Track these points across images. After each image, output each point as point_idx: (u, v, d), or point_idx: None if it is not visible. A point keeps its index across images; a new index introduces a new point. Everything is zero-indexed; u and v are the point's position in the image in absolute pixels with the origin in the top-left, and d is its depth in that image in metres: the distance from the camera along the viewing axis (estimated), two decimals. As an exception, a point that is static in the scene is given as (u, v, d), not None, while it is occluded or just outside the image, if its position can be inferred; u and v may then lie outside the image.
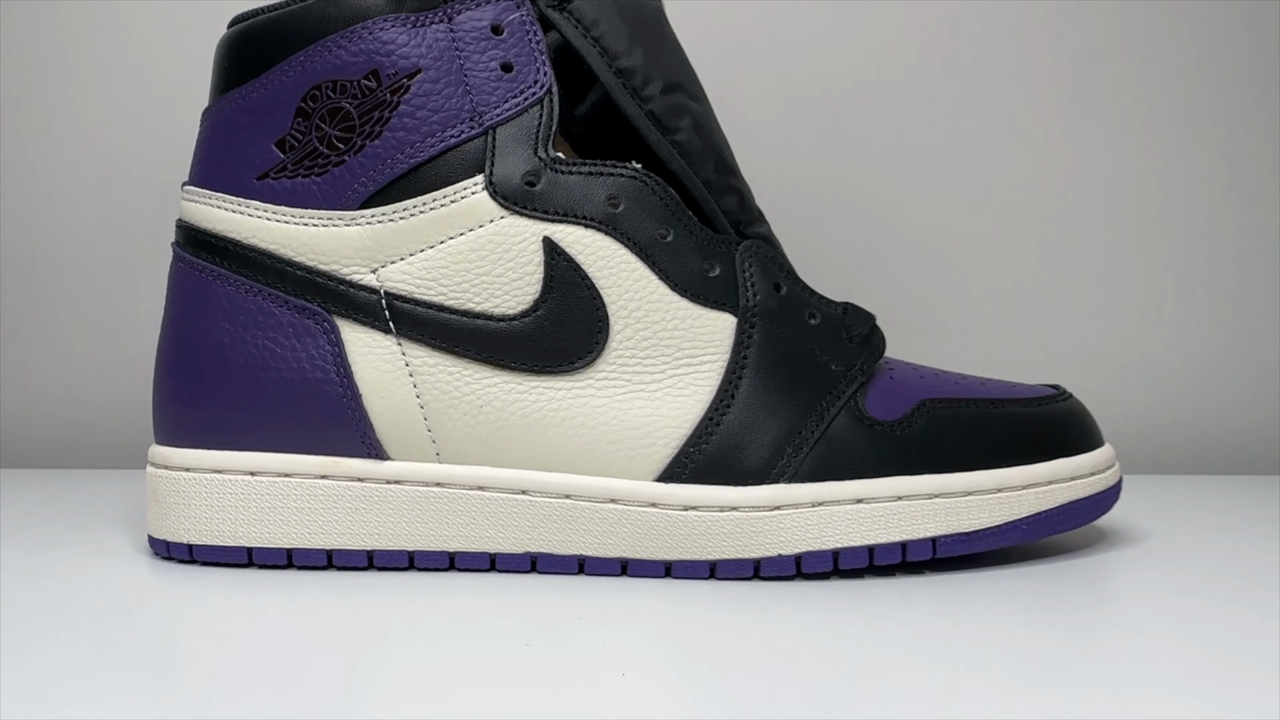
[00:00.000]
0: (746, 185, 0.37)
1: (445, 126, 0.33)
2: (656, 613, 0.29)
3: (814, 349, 0.34)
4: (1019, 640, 0.27)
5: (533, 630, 0.27)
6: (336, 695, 0.23)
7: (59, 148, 0.54)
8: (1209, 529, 0.41)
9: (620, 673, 0.24)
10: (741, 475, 0.32)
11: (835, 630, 0.28)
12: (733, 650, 0.26)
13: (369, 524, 0.33)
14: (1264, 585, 0.32)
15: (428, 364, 0.33)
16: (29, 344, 0.55)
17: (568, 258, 0.33)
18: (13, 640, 0.26)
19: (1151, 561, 0.35)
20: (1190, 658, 0.26)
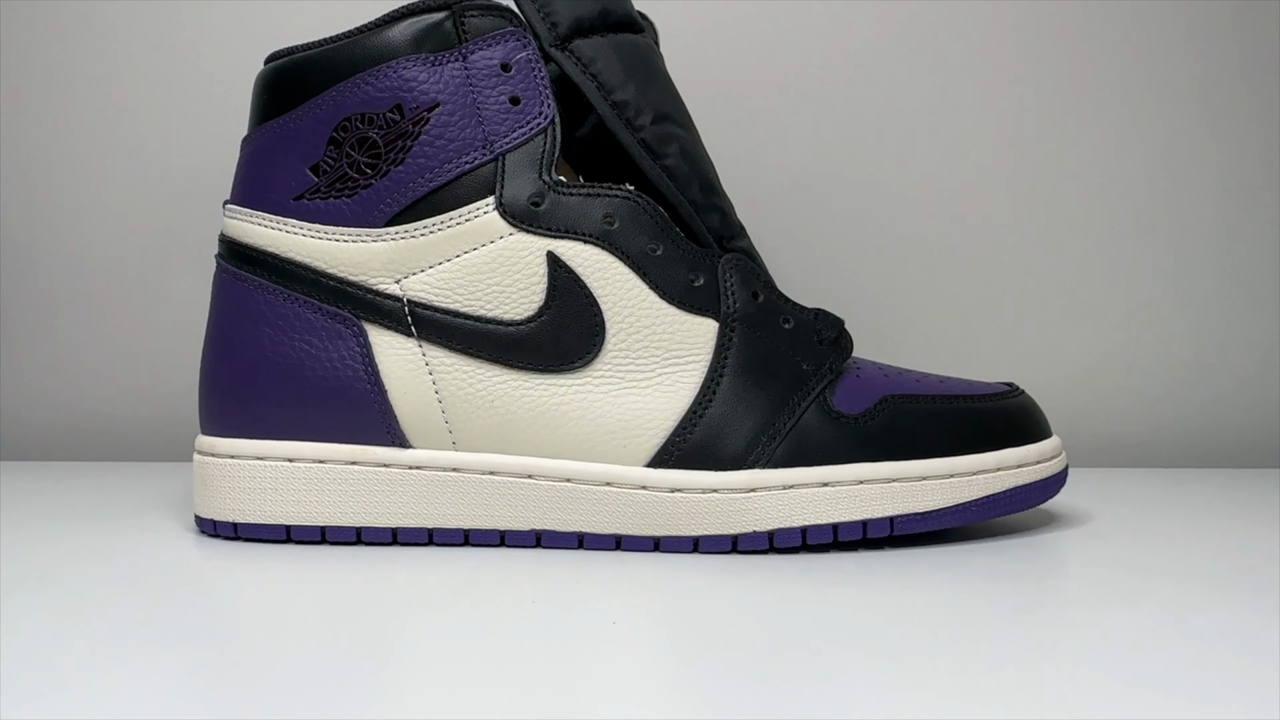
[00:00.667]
0: (729, 203, 0.41)
1: (460, 154, 0.37)
2: (646, 580, 0.34)
3: (787, 350, 0.38)
4: (964, 606, 0.31)
5: (536, 592, 0.32)
6: (366, 651, 0.27)
7: (112, 166, 0.58)
8: (1151, 516, 0.45)
9: (611, 622, 0.29)
10: (721, 461, 0.37)
11: (801, 595, 0.32)
12: (710, 609, 0.30)
13: (393, 505, 0.37)
14: (1194, 565, 0.36)
15: (445, 363, 0.37)
16: (75, 349, 0.59)
17: (568, 270, 0.37)
18: (81, 606, 0.31)
19: (1092, 542, 0.39)
20: (1122, 625, 0.30)
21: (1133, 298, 0.60)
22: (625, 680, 0.25)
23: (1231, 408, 0.60)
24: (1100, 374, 0.60)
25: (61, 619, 0.29)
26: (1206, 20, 0.59)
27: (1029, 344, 0.60)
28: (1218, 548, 0.39)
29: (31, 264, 0.59)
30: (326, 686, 0.24)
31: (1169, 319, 0.60)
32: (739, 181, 0.54)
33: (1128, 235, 0.60)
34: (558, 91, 0.39)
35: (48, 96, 0.58)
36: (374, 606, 0.31)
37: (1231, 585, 0.33)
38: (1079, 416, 0.59)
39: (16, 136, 0.58)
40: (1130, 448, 0.60)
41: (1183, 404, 0.60)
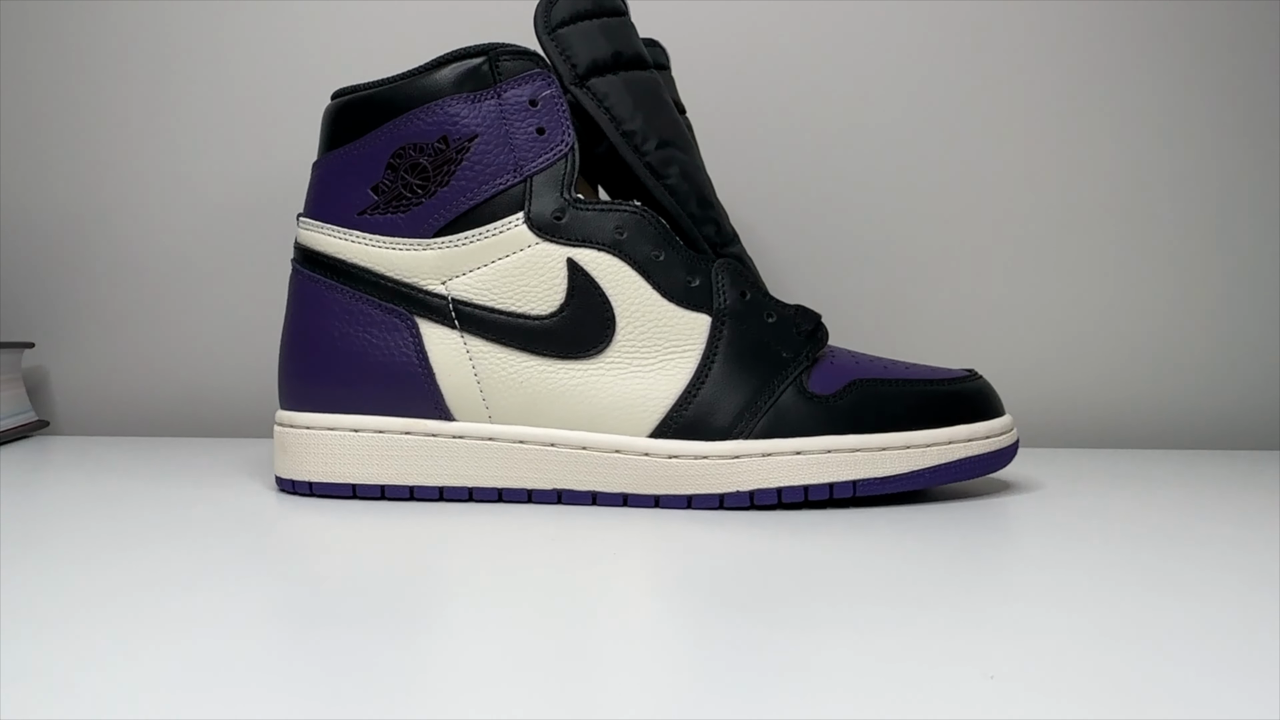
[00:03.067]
0: (724, 215, 0.48)
1: (495, 176, 0.45)
2: (646, 528, 0.41)
3: (770, 341, 0.46)
4: (913, 551, 0.38)
5: (556, 532, 0.39)
6: (417, 583, 0.35)
7: (207, 181, 0.67)
8: (1099, 488, 0.51)
9: (613, 554, 0.36)
10: (711, 433, 0.44)
11: (775, 542, 0.39)
12: (697, 551, 0.38)
13: (440, 468, 0.45)
14: (1125, 529, 0.43)
15: (483, 351, 0.45)
16: (174, 340, 0.68)
17: (585, 273, 0.45)
18: (186, 544, 0.39)
19: (1034, 505, 0.46)
20: (1051, 573, 0.37)
21: (1131, 297, 0.66)
22: (624, 600, 0.32)
23: (1209, 391, 0.66)
24: (1086, 362, 0.66)
25: (162, 553, 0.37)
26: (1206, 20, 0.64)
27: (1014, 334, 0.66)
28: (1156, 514, 0.45)
29: (139, 265, 0.67)
30: (380, 610, 0.32)
31: (1164, 317, 0.66)
32: (728, 178, 0.61)
33: (1109, 227, 0.66)
34: (578, 118, 0.46)
35: (157, 121, 0.66)
36: (422, 549, 0.38)
37: (1155, 542, 0.40)
38: (1071, 403, 0.65)
39: (132, 156, 0.67)
40: (1100, 431, 0.66)
41: (1175, 391, 0.66)
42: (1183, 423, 0.66)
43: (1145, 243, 0.66)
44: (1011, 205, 0.66)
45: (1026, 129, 0.65)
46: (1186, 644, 0.27)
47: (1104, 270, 0.66)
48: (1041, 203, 0.66)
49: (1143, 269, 0.66)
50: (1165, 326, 0.66)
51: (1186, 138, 0.65)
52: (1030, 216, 0.66)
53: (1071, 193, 0.65)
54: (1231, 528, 0.41)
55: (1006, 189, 0.65)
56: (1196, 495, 0.49)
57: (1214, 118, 0.65)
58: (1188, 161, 0.65)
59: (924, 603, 0.31)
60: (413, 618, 0.29)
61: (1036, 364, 0.66)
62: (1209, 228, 0.66)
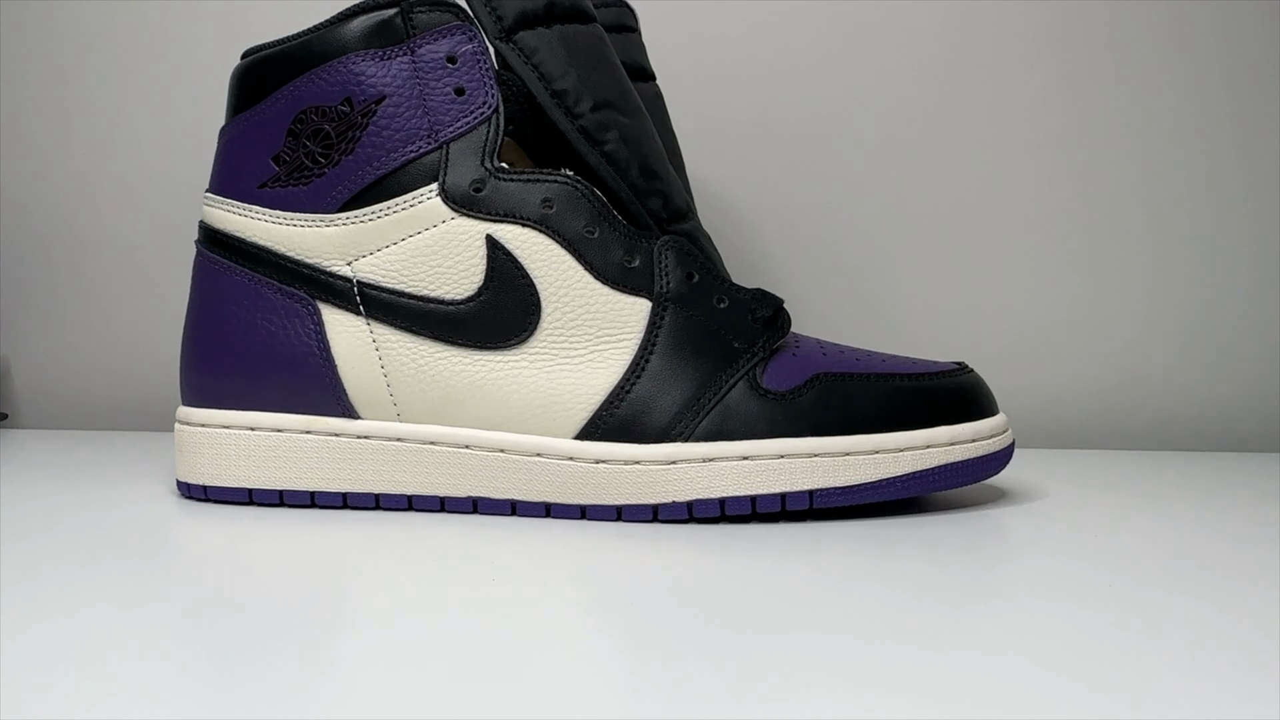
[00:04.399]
0: (676, 188, 0.43)
1: (406, 143, 0.40)
2: (569, 544, 0.36)
3: (719, 329, 0.40)
4: (885, 578, 0.32)
5: (471, 552, 0.34)
6: (314, 599, 0.30)
7: (106, 158, 0.63)
8: (1105, 499, 0.45)
9: (490, 579, 0.31)
10: (645, 435, 0.39)
11: (717, 562, 0.34)
12: (627, 570, 0.32)
13: (343, 471, 0.40)
14: (1142, 547, 0.37)
15: (390, 340, 0.40)
16: (77, 326, 0.64)
17: (506, 252, 0.39)
18: (73, 550, 0.34)
19: (1033, 519, 0.40)
20: (1049, 604, 0.31)
21: (1135, 292, 0.59)
22: (536, 634, 0.27)
23: (1211, 393, 0.59)
24: (1090, 358, 0.60)
25: (45, 562, 0.32)
26: (1204, 18, 0.58)
27: (1013, 327, 0.60)
28: (1173, 533, 0.39)
29: (40, 250, 0.64)
30: (256, 641, 0.27)
31: (1156, 314, 0.59)
32: (714, 168, 0.55)
33: (1109, 225, 0.59)
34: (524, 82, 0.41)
35: (51, 95, 0.63)
36: (320, 563, 0.33)
37: (1172, 563, 0.33)
38: (1065, 400, 0.59)
39: (24, 131, 0.63)
40: (1108, 432, 0.59)
41: (1171, 390, 0.59)
42: (1189, 423, 0.59)
43: (1151, 238, 0.60)
44: (1011, 197, 0.59)
45: (1033, 116, 0.59)
46: (1216, 701, 0.21)
47: (1108, 264, 0.60)
48: (1041, 196, 0.59)
49: (1147, 264, 0.60)
50: (1174, 321, 0.60)
51: (1186, 133, 0.59)
52: (1029, 209, 0.60)
53: (1073, 186, 0.59)
54: (1255, 551, 0.35)
55: (1009, 179, 0.59)
56: (1220, 506, 0.42)
57: (1215, 112, 0.59)
58: (1189, 156, 0.59)
59: (895, 637, 0.25)
60: (296, 647, 0.24)
61: (1035, 359, 0.60)
62: (1214, 224, 0.60)
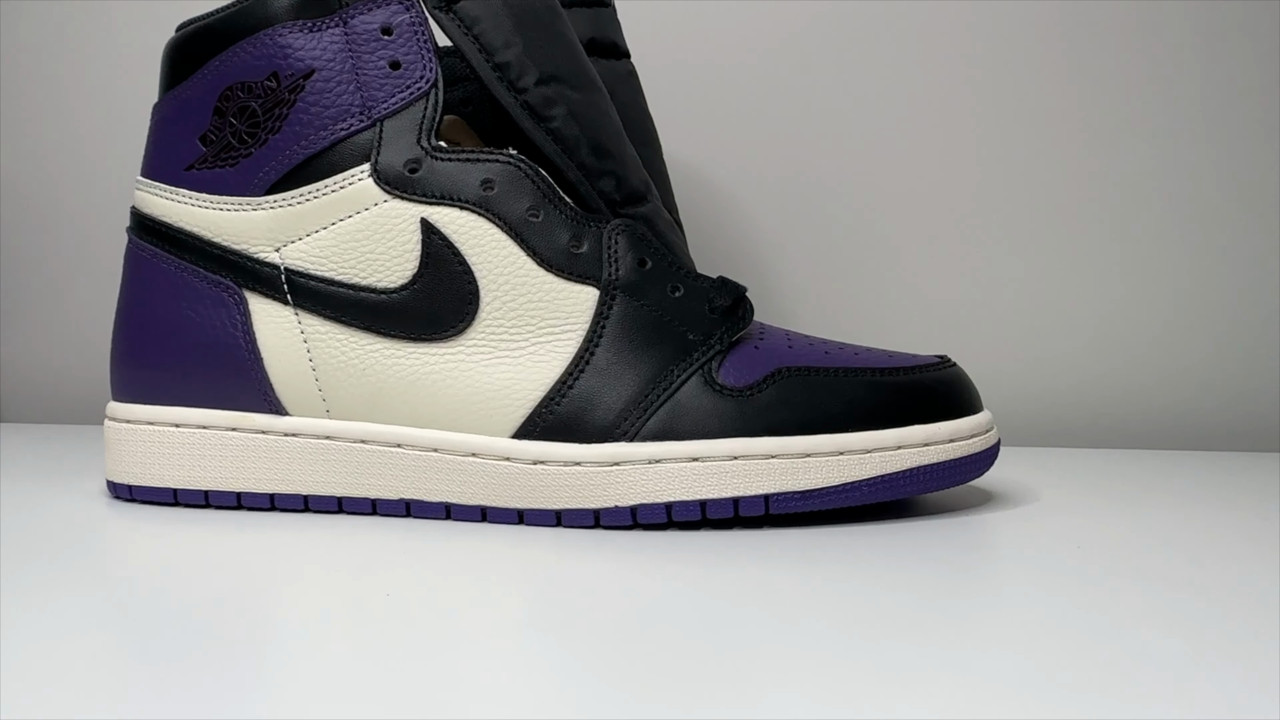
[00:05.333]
0: (632, 168, 0.40)
1: (336, 120, 0.37)
2: (504, 551, 0.33)
3: (673, 320, 0.37)
4: (853, 594, 0.29)
5: (400, 559, 0.32)
6: (225, 608, 0.27)
7: (46, 148, 0.61)
8: (1098, 504, 0.41)
9: (385, 594, 0.28)
10: (587, 434, 0.36)
11: (663, 573, 0.31)
12: (565, 579, 0.30)
13: (270, 471, 0.38)
14: (1124, 546, 0.33)
15: (319, 332, 0.37)
16: (24, 318, 0.62)
17: (442, 237, 0.37)
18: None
19: (1021, 527, 0.37)
20: (1037, 625, 0.28)
21: (1130, 284, 0.56)
22: (467, 648, 0.24)
23: (1212, 390, 0.55)
24: (1081, 353, 0.56)
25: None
26: (1204, 17, 0.55)
27: (1000, 321, 0.56)
28: (1172, 543, 0.35)
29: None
30: (169, 655, 0.24)
31: (1150, 311, 0.56)
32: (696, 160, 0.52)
33: (1108, 220, 0.56)
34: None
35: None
36: (245, 568, 0.31)
37: (1170, 571, 0.30)
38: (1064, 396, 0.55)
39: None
40: (1105, 430, 0.56)
41: (1169, 387, 0.56)
42: (1186, 420, 0.56)
43: (1146, 229, 0.56)
44: (1006, 189, 0.56)
45: (1029, 110, 0.55)
46: None
47: (1106, 259, 0.56)
48: (1036, 189, 0.56)
49: (1141, 256, 0.56)
50: (1166, 314, 0.56)
51: (1183, 126, 0.55)
52: (1023, 202, 0.56)
53: (1068, 179, 0.56)
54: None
55: (1004, 171, 0.56)
56: (1221, 508, 0.38)
57: (1211, 106, 0.55)
58: (1184, 150, 0.55)
59: (855, 659, 0.22)
60: (207, 661, 0.22)
61: (1030, 354, 0.56)
62: (1209, 220, 0.56)
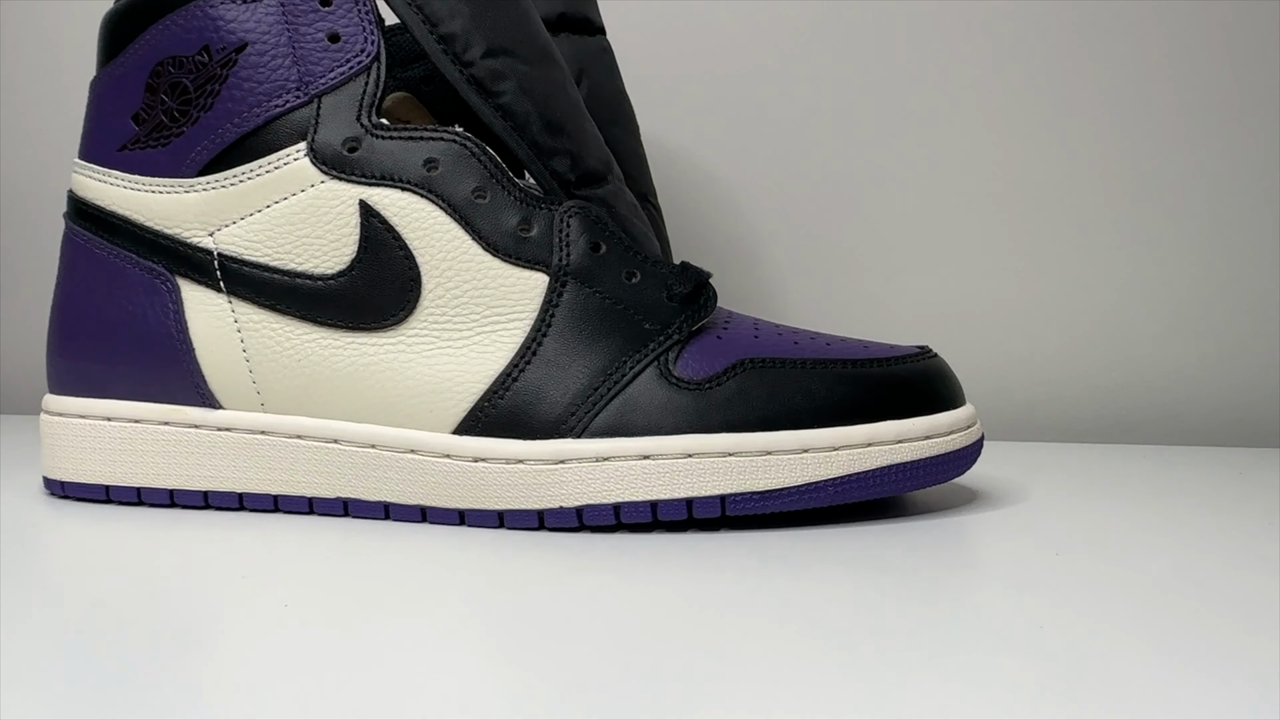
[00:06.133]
0: (590, 147, 0.37)
1: (271, 96, 0.35)
2: (442, 554, 0.31)
3: (627, 308, 0.35)
4: (787, 599, 0.27)
5: (336, 562, 0.30)
6: (158, 612, 0.26)
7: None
8: (1092, 505, 0.39)
9: (284, 604, 0.26)
10: (532, 430, 0.33)
11: (611, 580, 0.28)
12: (506, 585, 0.28)
13: (204, 467, 0.36)
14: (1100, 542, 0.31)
15: (253, 320, 0.35)
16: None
17: (382, 220, 0.34)
18: None
19: (1006, 529, 0.34)
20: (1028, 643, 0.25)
21: (1122, 273, 0.53)
22: (396, 662, 0.22)
23: (1208, 383, 0.52)
24: (1070, 347, 0.53)
25: None
26: (1202, 16, 0.52)
27: (986, 314, 0.53)
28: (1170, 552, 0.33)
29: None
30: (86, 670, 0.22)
31: (1159, 296, 0.53)
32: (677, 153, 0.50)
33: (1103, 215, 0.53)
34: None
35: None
36: (177, 570, 0.29)
37: (1168, 577, 0.27)
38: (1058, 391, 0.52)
39: None
40: (1099, 425, 0.53)
41: (1164, 381, 0.53)
42: (1183, 414, 0.53)
43: (1136, 219, 0.53)
44: (991, 174, 0.53)
45: (1023, 101, 0.52)
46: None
47: (1092, 245, 0.53)
48: (1020, 173, 0.53)
49: (1134, 246, 0.53)
50: (1170, 310, 0.53)
51: (1177, 119, 0.53)
52: (1009, 189, 0.53)
53: (1054, 163, 0.53)
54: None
55: (995, 162, 0.53)
56: (1220, 507, 0.35)
57: (1206, 98, 0.52)
58: (1172, 135, 0.52)
59: (821, 684, 0.20)
60: (123, 671, 0.20)
61: (1015, 345, 0.53)
62: (1198, 205, 0.53)
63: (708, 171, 0.54)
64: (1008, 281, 0.53)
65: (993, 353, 0.53)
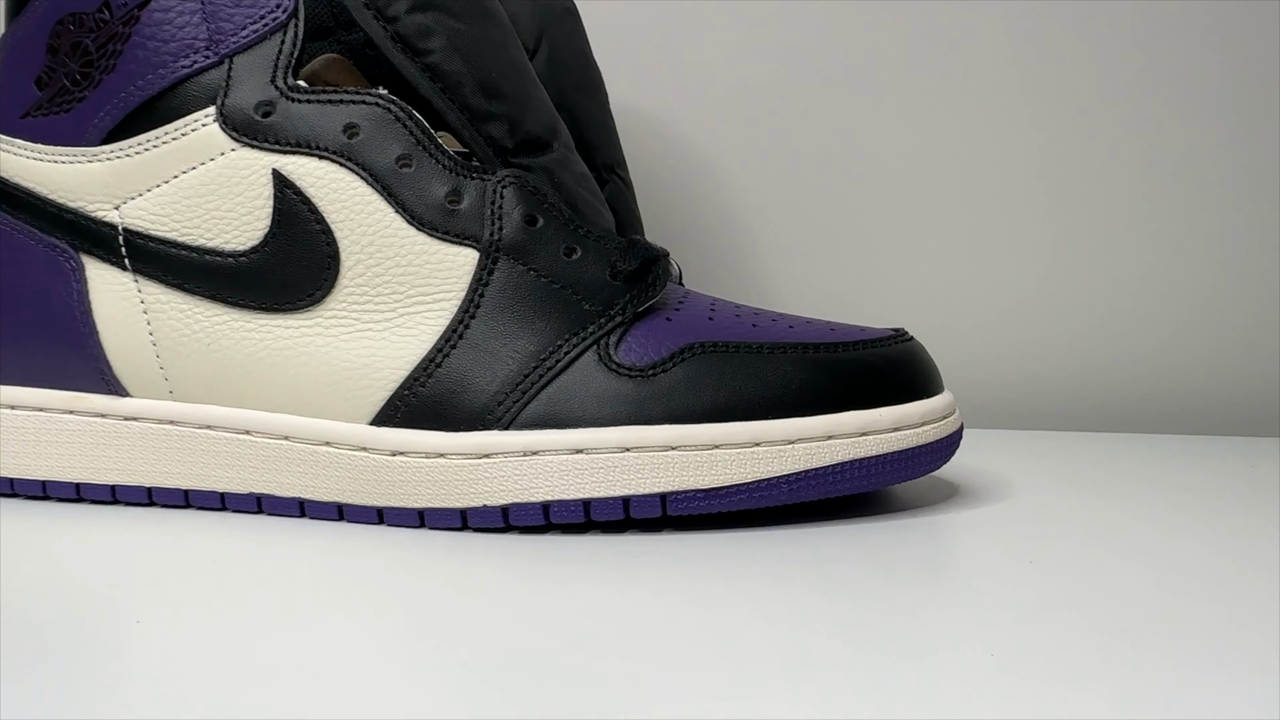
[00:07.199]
0: (533, 111, 0.34)
1: (178, 57, 0.32)
2: (357, 558, 0.28)
3: (565, 287, 0.31)
4: (716, 608, 0.24)
5: (244, 563, 0.27)
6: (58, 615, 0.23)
7: None
8: (1086, 503, 0.35)
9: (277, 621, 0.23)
10: (456, 421, 0.31)
11: (538, 589, 0.26)
12: (428, 591, 0.25)
13: (111, 459, 0.33)
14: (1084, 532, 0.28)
15: (160, 301, 0.32)
16: None
17: (297, 191, 0.32)
18: None
19: (988, 528, 0.31)
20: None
21: (1117, 253, 0.49)
22: (299, 683, 0.19)
23: (1204, 370, 0.49)
24: (1058, 331, 0.50)
25: None
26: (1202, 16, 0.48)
27: (969, 296, 0.50)
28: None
29: None
30: None
31: (1152, 277, 0.49)
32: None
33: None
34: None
35: None
36: (81, 570, 0.27)
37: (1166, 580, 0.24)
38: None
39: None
40: (1073, 411, 0.49)
41: (1159, 366, 0.49)
42: (1171, 402, 0.49)
43: (1127, 201, 0.50)
44: (978, 155, 0.49)
45: (1017, 92, 0.49)
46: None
47: (1082, 226, 0.49)
48: (1005, 154, 0.49)
49: (1123, 228, 0.50)
50: (1152, 289, 0.49)
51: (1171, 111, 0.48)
52: (995, 170, 0.49)
53: (1040, 144, 0.49)
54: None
55: (979, 137, 0.49)
56: (1218, 498, 0.32)
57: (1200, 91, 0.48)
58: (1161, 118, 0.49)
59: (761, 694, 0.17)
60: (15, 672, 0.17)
61: (1001, 330, 0.50)
62: (1188, 186, 0.50)
63: (683, 143, 0.51)
64: (999, 261, 0.50)
65: (986, 336, 0.50)
